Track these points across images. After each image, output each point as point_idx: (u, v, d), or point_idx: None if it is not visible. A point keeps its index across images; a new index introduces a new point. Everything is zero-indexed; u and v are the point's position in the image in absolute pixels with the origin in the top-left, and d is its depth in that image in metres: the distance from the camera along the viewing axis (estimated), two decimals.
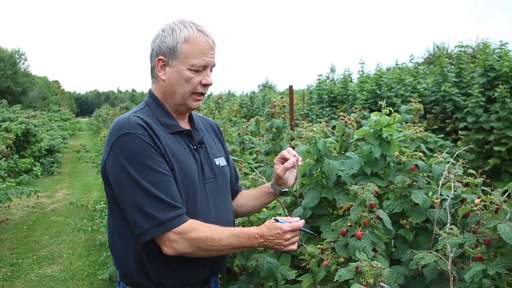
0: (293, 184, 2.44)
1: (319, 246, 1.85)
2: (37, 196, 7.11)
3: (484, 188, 1.99)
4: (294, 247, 1.42)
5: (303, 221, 1.43)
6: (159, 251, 1.38)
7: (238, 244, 1.38)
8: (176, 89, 1.45)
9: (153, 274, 1.42)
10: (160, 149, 1.37)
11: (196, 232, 1.34)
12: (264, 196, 1.71)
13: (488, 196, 1.62)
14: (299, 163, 1.61)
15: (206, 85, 1.47)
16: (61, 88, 67.38)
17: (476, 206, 1.63)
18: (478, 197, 1.70)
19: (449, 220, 1.64)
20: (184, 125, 1.55)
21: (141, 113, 1.44)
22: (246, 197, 1.75)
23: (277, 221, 1.40)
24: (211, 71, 1.50)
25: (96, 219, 4.13)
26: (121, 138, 1.34)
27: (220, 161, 1.62)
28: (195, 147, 1.52)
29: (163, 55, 1.45)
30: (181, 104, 1.48)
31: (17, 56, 43.45)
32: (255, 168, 2.85)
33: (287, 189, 1.67)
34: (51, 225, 6.62)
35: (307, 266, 1.96)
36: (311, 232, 1.53)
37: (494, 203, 1.57)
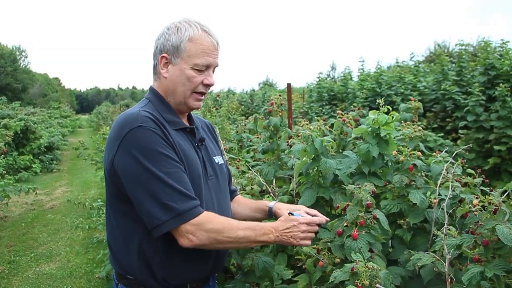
0: (290, 183, 2.42)
1: (315, 246, 1.83)
2: (36, 193, 7.09)
3: (483, 188, 1.97)
4: (308, 242, 1.42)
5: (322, 218, 1.47)
6: (163, 247, 1.38)
7: (254, 237, 1.37)
8: (177, 87, 1.46)
9: (157, 271, 1.40)
10: (171, 142, 1.37)
11: (213, 224, 1.33)
12: (259, 213, 1.71)
13: (487, 196, 1.59)
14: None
15: (208, 85, 1.48)
16: (62, 85, 67.14)
17: (474, 206, 1.60)
18: (477, 198, 1.68)
19: (446, 221, 1.62)
20: (186, 122, 1.56)
21: (147, 108, 1.44)
22: (242, 206, 1.74)
23: (292, 214, 1.42)
24: (213, 71, 1.51)
25: (93, 217, 4.11)
26: (133, 131, 1.33)
27: (219, 159, 1.63)
28: (197, 144, 1.53)
29: (166, 53, 1.46)
30: (182, 103, 1.48)
31: (17, 53, 43.35)
32: (252, 166, 2.82)
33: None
34: (50, 222, 6.61)
35: (303, 266, 1.94)
36: (326, 227, 1.52)
37: (493, 203, 1.55)
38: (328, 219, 1.60)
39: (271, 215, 1.67)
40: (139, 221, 1.36)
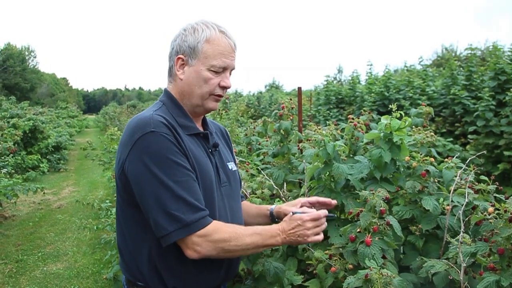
0: (301, 187, 2.42)
1: (327, 251, 1.82)
2: (44, 193, 7.12)
3: (497, 195, 1.95)
4: (319, 237, 1.38)
5: (324, 211, 1.41)
6: (174, 255, 1.35)
7: (262, 242, 1.35)
8: (194, 89, 1.43)
9: (167, 279, 1.37)
10: (184, 149, 1.34)
11: (220, 234, 1.31)
12: (261, 218, 1.69)
13: (502, 204, 1.57)
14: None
15: (225, 88, 1.45)
16: (69, 85, 67.69)
17: (490, 214, 1.58)
18: (492, 205, 1.66)
19: (462, 229, 1.60)
20: (199, 127, 1.52)
21: (161, 112, 1.41)
22: (245, 213, 1.70)
23: (295, 213, 1.39)
24: (230, 74, 1.48)
25: (102, 218, 4.11)
26: (145, 136, 1.30)
27: (232, 166, 1.60)
28: (210, 150, 1.49)
29: (183, 54, 1.43)
30: (199, 105, 1.45)
31: (26, 53, 43.76)
32: (262, 169, 2.81)
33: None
34: (57, 222, 6.64)
35: (314, 272, 1.92)
36: (332, 215, 1.49)
37: (508, 211, 1.53)
38: (335, 201, 1.58)
39: (273, 218, 1.64)
40: (150, 228, 1.33)
